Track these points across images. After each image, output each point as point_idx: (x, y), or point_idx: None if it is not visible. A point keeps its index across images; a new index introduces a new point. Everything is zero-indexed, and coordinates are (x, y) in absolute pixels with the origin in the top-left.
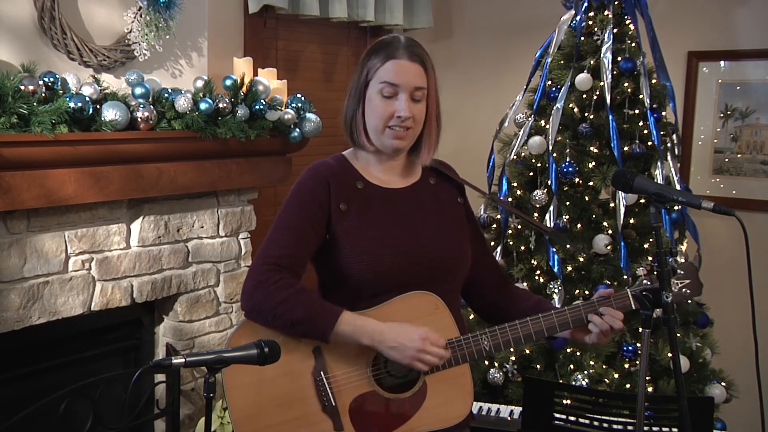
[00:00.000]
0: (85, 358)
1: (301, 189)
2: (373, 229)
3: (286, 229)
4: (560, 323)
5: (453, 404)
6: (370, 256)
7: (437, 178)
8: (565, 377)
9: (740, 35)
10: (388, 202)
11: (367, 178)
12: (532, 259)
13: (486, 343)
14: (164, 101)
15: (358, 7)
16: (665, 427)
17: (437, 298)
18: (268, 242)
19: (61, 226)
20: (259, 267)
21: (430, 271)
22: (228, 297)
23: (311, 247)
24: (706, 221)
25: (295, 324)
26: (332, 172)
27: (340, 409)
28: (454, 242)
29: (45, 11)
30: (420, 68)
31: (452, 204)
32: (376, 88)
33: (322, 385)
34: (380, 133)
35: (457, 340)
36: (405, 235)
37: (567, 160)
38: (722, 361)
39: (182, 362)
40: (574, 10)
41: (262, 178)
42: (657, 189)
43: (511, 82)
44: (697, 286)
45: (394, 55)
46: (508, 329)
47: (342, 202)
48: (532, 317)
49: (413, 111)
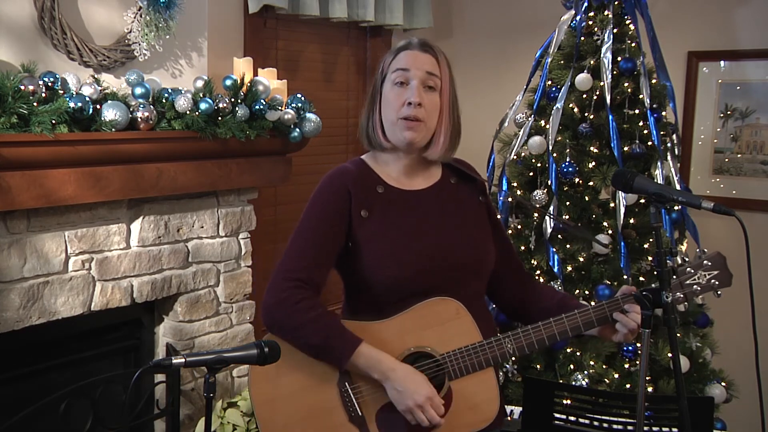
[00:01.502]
0: (85, 358)
1: (321, 197)
2: (395, 233)
3: (307, 240)
4: (584, 323)
5: (480, 407)
6: (393, 261)
7: (457, 178)
8: (565, 377)
9: (740, 35)
10: (409, 205)
11: (387, 181)
12: (532, 259)
13: (510, 346)
14: (164, 101)
15: (358, 7)
16: (665, 427)
17: (458, 304)
18: (288, 254)
19: (61, 226)
20: (281, 283)
21: (454, 273)
22: (228, 297)
23: (332, 257)
24: (706, 221)
25: (313, 348)
26: (352, 179)
27: (367, 418)
28: (477, 244)
29: (45, 11)
30: (432, 58)
31: (474, 203)
32: (390, 81)
33: (348, 395)
34: (394, 124)
35: (480, 345)
36: (428, 238)
37: (567, 160)
38: (722, 361)
39: (182, 362)
40: (574, 10)
41: (262, 178)
42: (657, 189)
43: (511, 82)
44: (726, 277)
45: (407, 48)
46: (531, 331)
47: (363, 209)
48: (555, 318)
49: (424, 99)
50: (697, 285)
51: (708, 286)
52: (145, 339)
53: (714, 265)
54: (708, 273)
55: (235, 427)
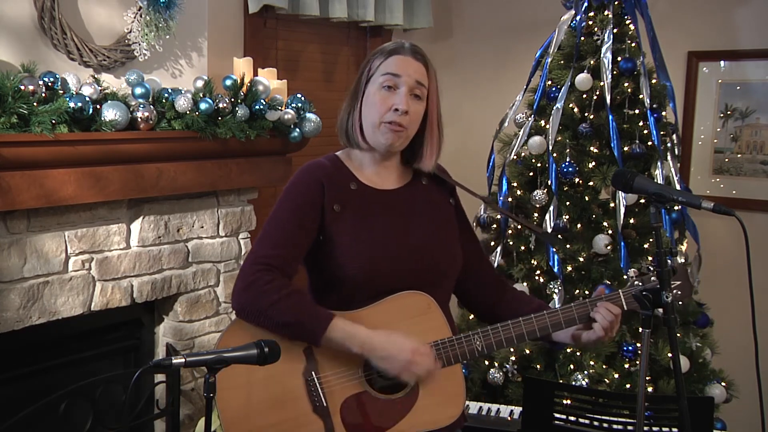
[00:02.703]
0: (85, 358)
1: (295, 189)
2: (366, 231)
3: (279, 229)
4: (552, 323)
5: (445, 405)
6: (362, 260)
7: (429, 179)
8: (565, 377)
9: (740, 35)
10: (381, 204)
11: (360, 178)
12: (532, 259)
13: (478, 344)
14: (164, 101)
15: (358, 7)
16: (665, 427)
17: (429, 298)
18: (259, 241)
19: (61, 226)
20: (250, 267)
21: (422, 274)
22: (228, 297)
23: (303, 247)
24: (706, 221)
25: (285, 326)
26: (326, 173)
27: (332, 409)
28: (446, 245)
29: (45, 11)
30: (422, 67)
31: (444, 205)
32: (377, 83)
33: (314, 385)
34: (376, 127)
35: (449, 340)
36: (398, 238)
37: (567, 160)
38: (722, 361)
39: (182, 362)
40: (574, 10)
41: (262, 178)
42: (657, 189)
43: (511, 82)
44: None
45: (398, 52)
46: (500, 329)
47: (336, 203)
48: (524, 317)
49: (411, 108)
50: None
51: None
52: (145, 339)
53: (677, 276)
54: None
55: None
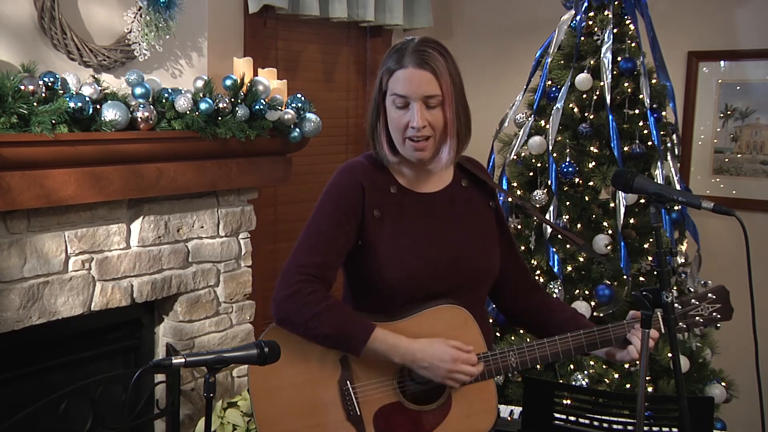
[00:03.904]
0: (85, 358)
1: (336, 191)
2: (405, 238)
3: (319, 234)
4: (588, 344)
5: (476, 417)
6: (401, 268)
7: (469, 181)
8: (565, 377)
9: (740, 35)
10: (421, 209)
11: (400, 180)
12: (532, 259)
13: (513, 360)
14: (164, 101)
15: (358, 7)
16: (665, 427)
17: (466, 313)
18: (299, 248)
19: (61, 226)
20: (291, 276)
21: (462, 279)
22: (228, 297)
23: (343, 253)
24: (706, 221)
25: (327, 338)
26: (366, 175)
27: (365, 418)
28: (484, 251)
29: (45, 11)
30: (429, 75)
31: (484, 209)
32: (390, 101)
33: (348, 394)
34: (401, 145)
35: (484, 356)
36: (437, 244)
37: (567, 160)
38: (722, 361)
39: (182, 362)
40: (574, 10)
41: (262, 178)
42: (657, 189)
43: (511, 82)
44: (727, 311)
45: (402, 64)
46: (536, 348)
47: (376, 208)
48: (560, 337)
49: (429, 119)
50: (699, 317)
51: (710, 319)
52: (145, 339)
53: (717, 299)
54: (711, 306)
55: (235, 427)
